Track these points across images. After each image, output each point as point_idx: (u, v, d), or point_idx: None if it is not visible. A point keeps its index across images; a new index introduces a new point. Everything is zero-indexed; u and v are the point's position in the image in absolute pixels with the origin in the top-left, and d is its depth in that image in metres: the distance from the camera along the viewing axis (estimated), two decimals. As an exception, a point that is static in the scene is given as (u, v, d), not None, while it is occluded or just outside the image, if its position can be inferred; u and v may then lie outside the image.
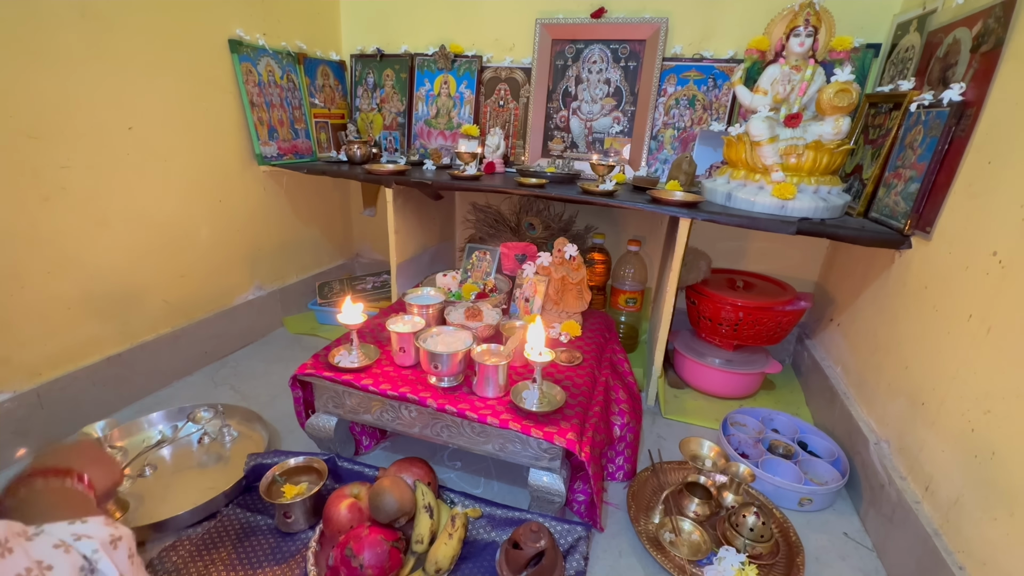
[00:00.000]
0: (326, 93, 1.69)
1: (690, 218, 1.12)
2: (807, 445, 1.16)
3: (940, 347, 0.86)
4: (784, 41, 1.12)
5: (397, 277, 1.55)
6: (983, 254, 0.78)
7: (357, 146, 1.56)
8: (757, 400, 1.39)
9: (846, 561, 0.90)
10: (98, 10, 1.05)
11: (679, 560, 0.85)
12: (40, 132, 0.99)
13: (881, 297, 1.09)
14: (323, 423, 1.01)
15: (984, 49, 0.87)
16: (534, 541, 0.77)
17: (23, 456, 1.02)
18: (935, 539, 0.76)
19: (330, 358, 0.97)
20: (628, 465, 1.06)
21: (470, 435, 0.90)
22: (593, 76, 1.52)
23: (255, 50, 1.43)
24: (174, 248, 1.31)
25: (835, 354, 1.30)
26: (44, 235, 1.03)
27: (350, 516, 0.83)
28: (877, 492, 0.94)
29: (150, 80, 1.18)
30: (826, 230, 1.02)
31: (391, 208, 1.45)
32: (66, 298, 1.09)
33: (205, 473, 1.02)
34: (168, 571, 0.80)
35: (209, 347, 1.44)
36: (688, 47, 1.44)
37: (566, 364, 1.04)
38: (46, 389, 1.06)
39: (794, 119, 1.09)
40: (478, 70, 1.62)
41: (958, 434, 0.78)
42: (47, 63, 0.98)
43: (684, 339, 1.47)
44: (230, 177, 1.44)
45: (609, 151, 1.55)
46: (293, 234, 1.73)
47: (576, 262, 1.15)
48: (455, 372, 0.91)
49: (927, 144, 0.93)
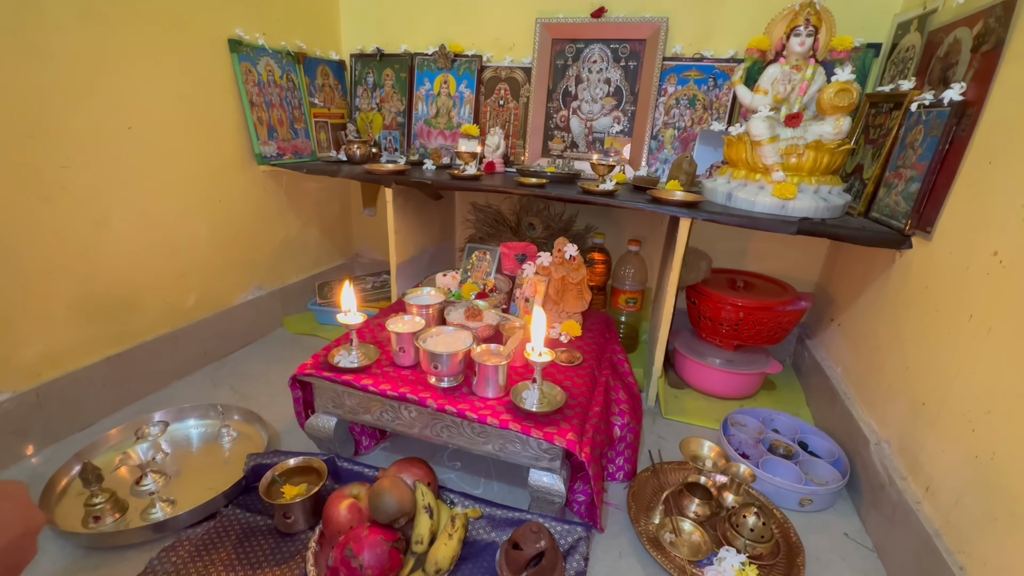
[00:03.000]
0: (326, 93, 1.69)
1: (690, 218, 1.12)
2: (807, 445, 1.16)
3: (941, 347, 0.86)
4: (784, 41, 1.12)
5: (397, 277, 1.55)
6: (984, 254, 0.78)
7: (357, 146, 1.56)
8: (757, 400, 1.39)
9: (846, 561, 0.90)
10: (98, 10, 1.05)
11: (679, 560, 0.85)
12: (40, 132, 0.99)
13: (882, 297, 1.09)
14: (323, 423, 1.01)
15: (985, 49, 0.87)
16: (534, 541, 0.77)
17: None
18: (936, 539, 0.76)
19: (330, 358, 0.97)
20: (628, 465, 1.06)
21: (470, 435, 0.90)
22: (593, 76, 1.52)
23: (255, 50, 1.43)
24: (174, 248, 1.31)
25: (835, 354, 1.30)
26: (44, 235, 1.03)
27: (350, 516, 0.82)
28: (878, 492, 0.94)
29: (150, 80, 1.18)
30: (826, 230, 1.02)
31: (391, 208, 1.45)
32: (66, 298, 1.09)
33: (205, 473, 1.02)
34: (168, 571, 0.79)
35: (209, 347, 1.44)
36: (688, 47, 1.43)
37: (566, 364, 1.04)
38: (46, 389, 1.06)
39: (794, 119, 1.09)
40: (478, 70, 1.62)
41: (959, 434, 0.78)
42: (47, 63, 0.98)
43: (684, 339, 1.46)
44: (230, 177, 1.44)
45: (609, 151, 1.55)
46: (293, 234, 1.73)
47: (576, 262, 1.15)
48: (455, 372, 0.90)
49: (928, 144, 0.93)
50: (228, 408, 1.17)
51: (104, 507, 0.88)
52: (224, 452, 1.08)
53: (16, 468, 1.02)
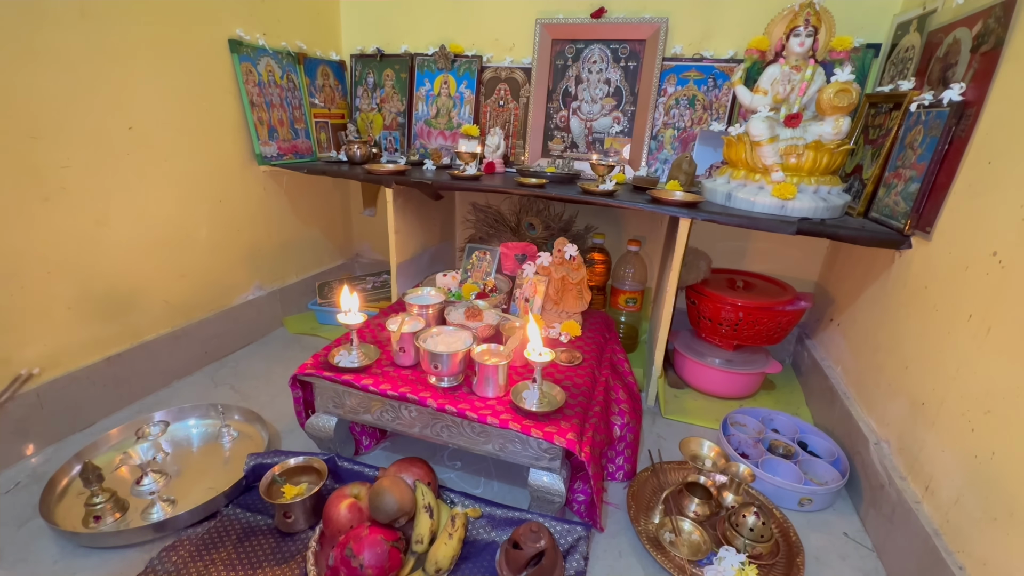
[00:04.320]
0: (326, 93, 1.69)
1: (690, 218, 1.12)
2: (807, 445, 1.16)
3: (940, 347, 0.86)
4: (784, 41, 1.12)
5: (397, 277, 1.55)
6: (983, 254, 0.78)
7: (357, 146, 1.56)
8: (757, 400, 1.39)
9: (846, 561, 0.90)
10: (98, 10, 1.05)
11: (679, 560, 0.85)
12: (40, 132, 0.99)
13: (881, 297, 1.09)
14: (323, 423, 1.01)
15: (984, 49, 0.87)
16: (534, 541, 0.77)
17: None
18: (935, 539, 0.76)
19: (330, 358, 0.97)
20: (628, 465, 1.06)
21: (470, 435, 0.90)
22: (593, 76, 1.52)
23: (255, 50, 1.43)
24: (174, 248, 1.31)
25: (835, 354, 1.30)
26: (44, 235, 1.03)
27: (350, 516, 0.83)
28: (877, 492, 0.94)
29: (150, 80, 1.18)
30: (826, 230, 1.02)
31: (391, 208, 1.45)
32: (66, 298, 1.09)
33: (205, 473, 1.02)
34: (168, 571, 0.80)
35: (209, 347, 1.44)
36: (688, 47, 1.44)
37: (566, 364, 1.04)
38: (46, 389, 1.06)
39: (794, 119, 1.09)
40: (478, 70, 1.62)
41: (958, 434, 0.78)
42: (47, 63, 0.98)
43: (684, 339, 1.47)
44: (230, 177, 1.44)
45: (609, 151, 1.55)
46: (293, 234, 1.73)
47: (576, 262, 1.15)
48: (455, 372, 0.91)
49: (927, 144, 0.93)
50: (228, 408, 1.17)
51: (104, 507, 0.88)
52: (224, 452, 1.08)
53: (16, 468, 1.02)
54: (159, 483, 0.96)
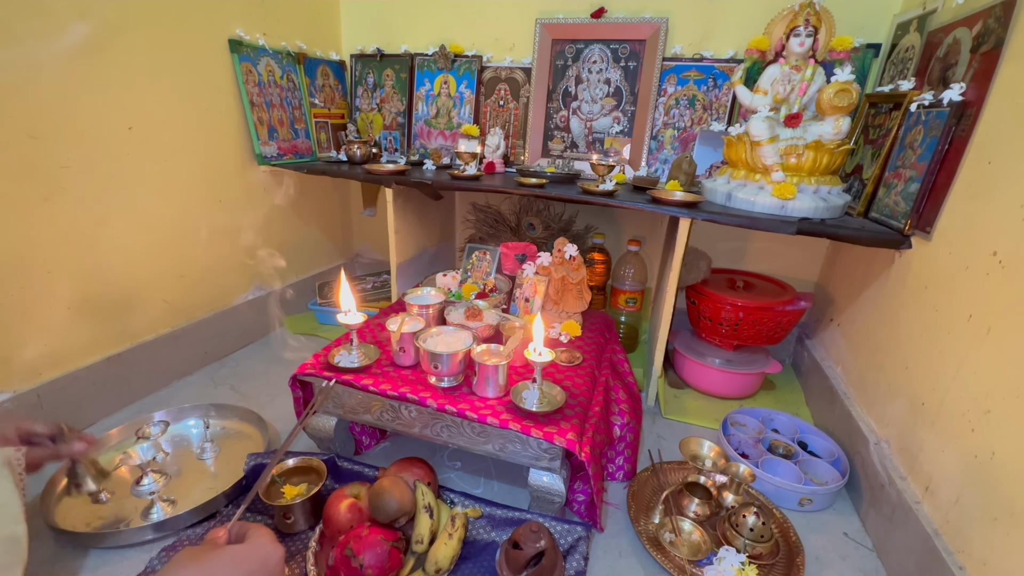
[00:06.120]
0: (326, 93, 1.69)
1: (690, 218, 1.12)
2: (807, 445, 1.16)
3: (940, 347, 0.86)
4: (784, 41, 1.12)
5: (397, 277, 1.55)
6: (983, 254, 0.78)
7: (357, 146, 1.56)
8: (757, 400, 1.39)
9: (846, 561, 0.90)
10: (98, 10, 1.05)
11: (679, 560, 0.85)
12: (40, 132, 0.99)
13: (881, 297, 1.09)
14: (323, 423, 1.01)
15: (984, 49, 0.87)
16: (534, 541, 0.77)
17: None
18: (935, 539, 0.76)
19: (330, 358, 0.97)
20: (628, 465, 1.06)
21: (470, 435, 0.90)
22: (593, 76, 1.52)
23: (255, 50, 1.43)
24: (174, 248, 1.31)
25: (835, 354, 1.30)
26: (44, 235, 1.03)
27: (350, 516, 0.82)
28: (877, 492, 0.94)
29: (150, 80, 1.18)
30: (826, 230, 1.02)
31: (391, 208, 1.45)
32: (66, 298, 1.09)
33: (205, 473, 1.02)
34: (168, 571, 0.79)
35: (209, 347, 1.44)
36: (688, 47, 1.44)
37: (566, 364, 1.04)
38: (46, 389, 1.06)
39: (794, 119, 1.09)
40: (478, 70, 1.62)
41: (958, 434, 0.78)
42: (47, 63, 0.98)
43: (684, 339, 1.47)
44: (230, 177, 1.44)
45: (609, 151, 1.55)
46: (293, 234, 1.73)
47: (576, 262, 1.15)
48: (455, 372, 0.91)
49: (927, 144, 0.93)
50: (229, 408, 1.17)
51: (86, 477, 0.82)
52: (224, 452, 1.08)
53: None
54: (159, 483, 0.96)
